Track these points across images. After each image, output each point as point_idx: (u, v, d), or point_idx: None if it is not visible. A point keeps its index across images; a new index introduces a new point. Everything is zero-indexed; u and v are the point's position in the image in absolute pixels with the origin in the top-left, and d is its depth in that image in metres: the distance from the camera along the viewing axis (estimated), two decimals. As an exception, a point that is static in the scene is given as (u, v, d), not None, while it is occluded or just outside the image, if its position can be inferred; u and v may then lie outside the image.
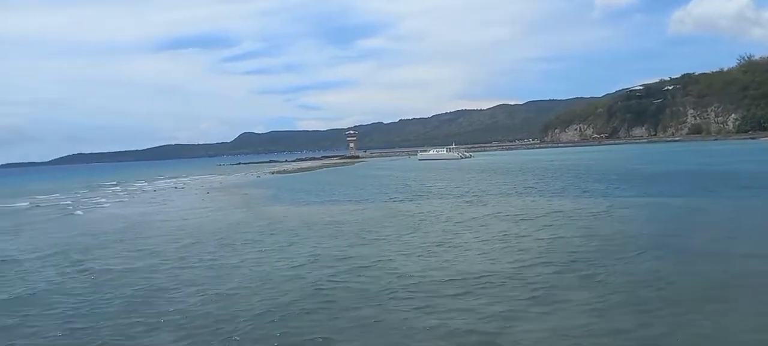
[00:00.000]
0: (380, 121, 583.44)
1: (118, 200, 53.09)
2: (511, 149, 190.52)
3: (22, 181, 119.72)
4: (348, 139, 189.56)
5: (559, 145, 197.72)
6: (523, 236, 19.85)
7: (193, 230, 26.42)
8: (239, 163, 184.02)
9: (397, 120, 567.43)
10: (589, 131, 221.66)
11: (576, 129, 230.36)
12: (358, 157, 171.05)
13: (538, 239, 19.10)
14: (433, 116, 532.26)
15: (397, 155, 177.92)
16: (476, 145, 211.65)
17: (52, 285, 16.15)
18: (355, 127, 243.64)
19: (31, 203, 51.07)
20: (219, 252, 20.07)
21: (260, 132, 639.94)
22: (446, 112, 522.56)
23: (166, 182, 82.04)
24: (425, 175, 65.79)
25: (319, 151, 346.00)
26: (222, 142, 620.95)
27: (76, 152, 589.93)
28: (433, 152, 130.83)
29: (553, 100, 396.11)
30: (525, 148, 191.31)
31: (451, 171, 70.95)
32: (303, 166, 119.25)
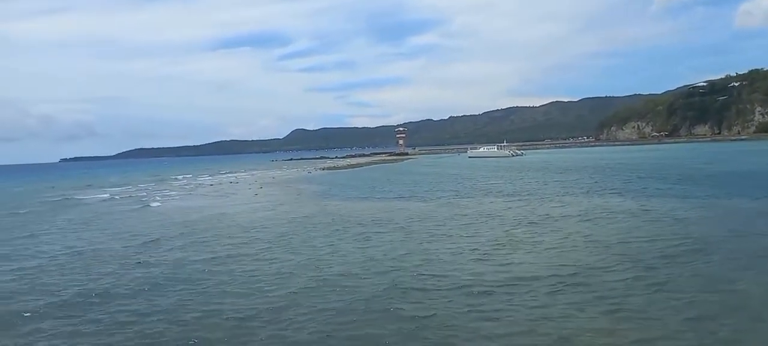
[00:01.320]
0: (430, 118, 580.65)
1: (185, 192, 55.39)
2: (565, 148, 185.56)
3: (93, 174, 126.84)
4: (397, 136, 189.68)
5: (616, 143, 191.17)
6: (584, 238, 19.21)
7: (255, 224, 27.27)
8: (291, 159, 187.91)
9: (446, 117, 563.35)
10: (647, 129, 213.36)
11: (634, 127, 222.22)
12: (406, 154, 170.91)
13: (600, 241, 18.45)
14: (483, 113, 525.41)
15: (447, 152, 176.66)
16: (528, 143, 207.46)
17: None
18: (404, 124, 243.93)
19: (110, 195, 54.03)
20: (275, 248, 20.54)
21: (312, 129, 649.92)
22: (497, 109, 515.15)
23: (224, 177, 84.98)
24: (475, 172, 65.00)
25: (368, 147, 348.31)
26: (275, 139, 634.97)
27: (138, 147, 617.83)
28: (483, 150, 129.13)
29: (610, 97, 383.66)
30: (580, 147, 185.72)
31: (502, 169, 69.81)
32: (353, 163, 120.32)
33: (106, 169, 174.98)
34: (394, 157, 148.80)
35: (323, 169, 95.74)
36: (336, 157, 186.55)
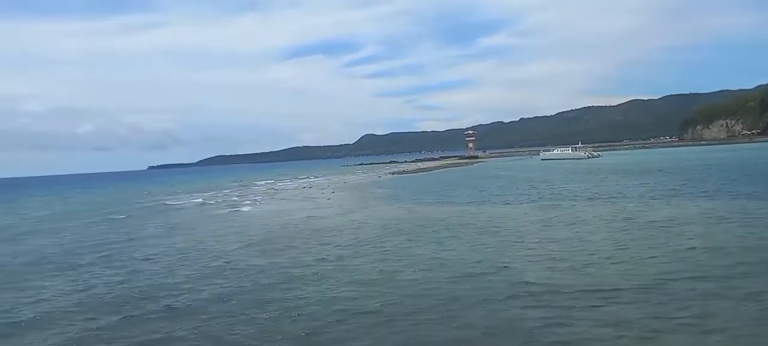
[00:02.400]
0: (500, 120, 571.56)
1: (269, 196, 57.45)
2: (646, 148, 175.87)
3: (179, 180, 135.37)
4: (467, 139, 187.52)
5: (702, 143, 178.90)
6: (670, 244, 17.89)
7: (338, 227, 27.74)
8: (361, 164, 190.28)
9: (517, 119, 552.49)
10: (737, 127, 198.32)
11: (722, 125, 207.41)
12: (476, 157, 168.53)
13: (688, 249, 17.09)
14: (556, 114, 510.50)
15: (518, 155, 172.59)
16: (605, 144, 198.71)
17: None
18: (474, 127, 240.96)
19: (203, 200, 57.20)
20: (354, 250, 20.68)
21: (381, 133, 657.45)
22: (571, 110, 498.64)
23: (299, 182, 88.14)
24: (549, 175, 62.84)
25: (437, 151, 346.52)
26: (345, 144, 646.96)
27: (217, 154, 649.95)
28: (557, 152, 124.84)
29: (694, 93, 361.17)
30: (662, 147, 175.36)
31: (578, 172, 67.06)
32: (422, 167, 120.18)
33: (190, 175, 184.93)
34: (465, 161, 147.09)
35: (393, 174, 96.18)
36: (405, 161, 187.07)
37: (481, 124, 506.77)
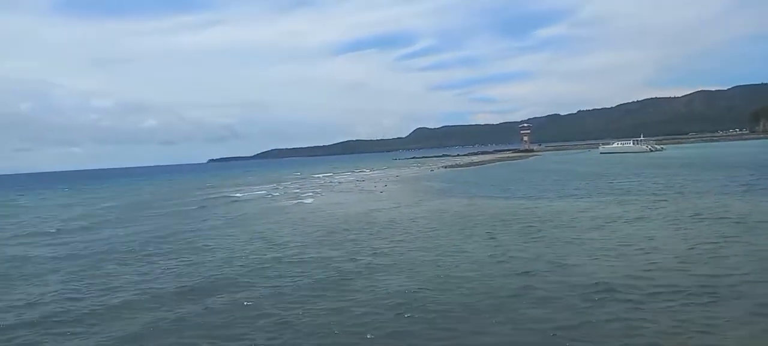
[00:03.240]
0: (556, 113, 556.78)
1: (327, 189, 58.49)
2: (714, 141, 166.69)
3: (239, 172, 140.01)
4: (521, 132, 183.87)
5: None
6: (740, 243, 16.84)
7: (393, 219, 27.92)
8: (414, 158, 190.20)
9: (575, 111, 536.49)
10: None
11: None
12: (532, 151, 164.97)
13: (760, 246, 16.12)
14: (616, 106, 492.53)
15: (575, 149, 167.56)
16: (668, 138, 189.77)
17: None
18: (529, 120, 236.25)
19: (266, 191, 59.02)
20: (409, 244, 20.72)
21: (434, 127, 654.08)
22: (632, 102, 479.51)
23: (354, 175, 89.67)
24: (609, 169, 60.62)
25: (491, 145, 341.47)
26: (398, 138, 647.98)
27: (274, 147, 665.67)
28: (617, 145, 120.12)
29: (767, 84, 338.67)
30: (732, 141, 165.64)
31: (639, 166, 64.32)
32: (475, 161, 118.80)
33: (249, 168, 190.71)
34: (519, 155, 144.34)
35: (446, 168, 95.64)
36: (458, 155, 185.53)
37: (536, 117, 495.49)
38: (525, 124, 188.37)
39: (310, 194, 51.63)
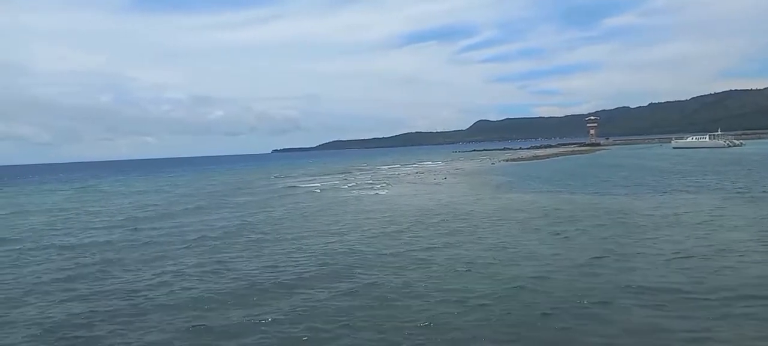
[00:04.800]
0: (625, 105, 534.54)
1: (395, 181, 58.80)
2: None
3: (304, 163, 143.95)
4: (588, 125, 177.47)
5: None
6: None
7: (452, 212, 28.08)
8: (474, 151, 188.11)
9: (646, 104, 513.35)
10: None
11: None
12: (598, 144, 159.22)
13: None
14: (691, 99, 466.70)
15: (646, 143, 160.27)
16: (749, 132, 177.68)
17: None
18: (596, 113, 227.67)
19: (338, 183, 59.97)
20: (473, 237, 20.90)
21: (494, 119, 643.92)
22: (709, 94, 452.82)
23: (414, 167, 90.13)
24: (682, 166, 57.85)
25: (554, 138, 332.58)
26: (458, 130, 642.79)
27: (335, 139, 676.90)
28: (691, 140, 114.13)
29: None
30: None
31: (716, 162, 61.01)
32: (538, 154, 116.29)
33: (312, 159, 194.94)
34: (585, 149, 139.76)
35: (507, 161, 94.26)
36: (520, 148, 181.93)
37: (604, 110, 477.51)
38: (591, 117, 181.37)
39: (382, 185, 52.08)
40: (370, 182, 58.88)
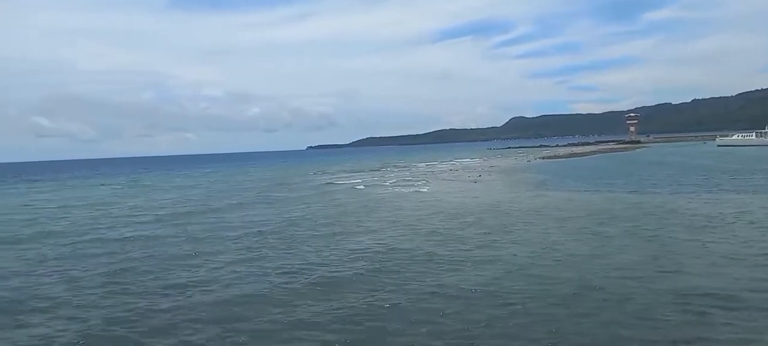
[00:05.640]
0: (667, 101, 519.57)
1: (433, 177, 58.67)
2: None
3: (339, 159, 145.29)
4: (628, 122, 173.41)
5: None
6: None
7: (493, 210, 27.95)
8: (508, 148, 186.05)
9: (688, 100, 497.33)
10: None
11: None
12: (639, 142, 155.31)
13: None
14: (737, 95, 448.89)
15: (689, 141, 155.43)
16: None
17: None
18: (636, 110, 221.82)
19: (378, 178, 60.33)
20: (492, 235, 20.79)
21: (530, 116, 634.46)
22: (756, 89, 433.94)
23: (448, 164, 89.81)
24: (727, 164, 55.92)
25: (592, 135, 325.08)
26: (492, 127, 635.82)
27: (368, 136, 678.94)
28: (736, 137, 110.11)
29: None
30: None
31: (765, 161, 58.69)
32: (575, 152, 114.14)
33: (346, 155, 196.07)
34: (625, 146, 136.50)
35: (543, 159, 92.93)
36: (556, 145, 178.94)
37: (644, 106, 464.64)
38: (631, 114, 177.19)
39: (422, 182, 51.89)
40: (409, 178, 58.84)
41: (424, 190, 43.32)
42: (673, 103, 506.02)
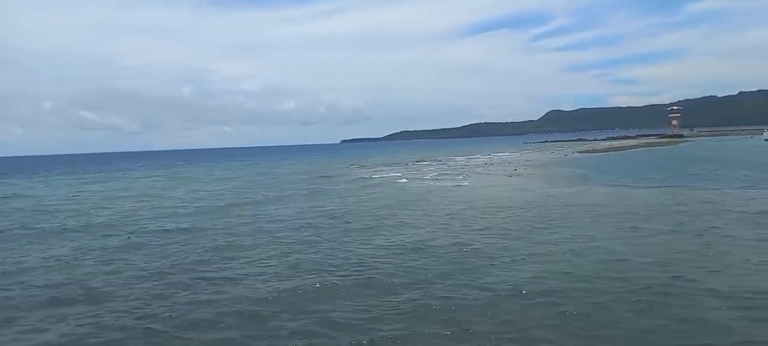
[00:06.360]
0: (712, 94, 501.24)
1: (470, 172, 57.82)
2: None
3: (374, 152, 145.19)
4: (670, 115, 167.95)
5: None
6: None
7: (541, 205, 27.67)
8: (545, 142, 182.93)
9: (735, 93, 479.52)
10: None
11: None
12: (681, 136, 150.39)
13: None
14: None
15: (735, 135, 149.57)
16: None
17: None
18: (679, 103, 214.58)
19: (417, 172, 60.40)
20: (538, 233, 20.55)
21: (568, 109, 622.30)
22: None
23: (484, 158, 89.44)
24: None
25: (633, 129, 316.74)
26: (528, 121, 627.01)
27: (402, 130, 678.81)
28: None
29: None
30: None
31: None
32: (615, 146, 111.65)
33: (380, 149, 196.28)
34: (667, 140, 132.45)
35: (581, 152, 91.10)
36: (595, 139, 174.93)
37: (688, 99, 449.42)
38: (674, 107, 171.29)
39: (462, 176, 51.55)
40: (448, 172, 58.53)
41: (466, 184, 43.01)
42: (719, 96, 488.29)
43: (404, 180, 49.54)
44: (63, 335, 11.00)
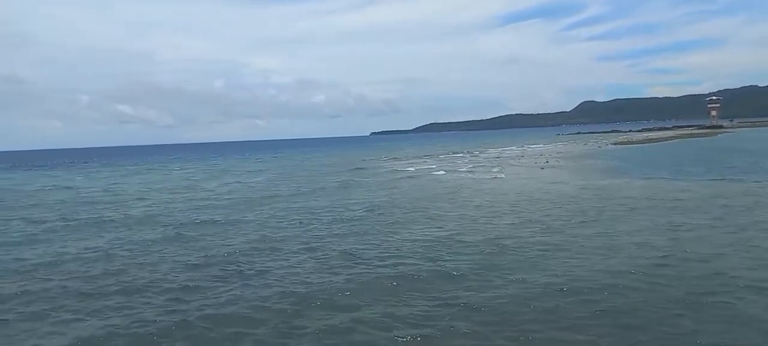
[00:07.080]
0: (754, 84, 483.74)
1: (507, 164, 56.78)
2: None
3: (404, 145, 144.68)
4: (709, 106, 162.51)
5: None
6: None
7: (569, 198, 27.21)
8: (578, 133, 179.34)
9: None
10: None
11: None
12: (721, 127, 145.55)
13: None
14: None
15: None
16: None
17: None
18: (718, 93, 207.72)
19: (451, 165, 60.00)
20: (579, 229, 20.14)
21: (601, 100, 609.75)
22: None
23: (516, 150, 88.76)
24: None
25: (669, 120, 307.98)
26: (560, 112, 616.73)
27: (431, 122, 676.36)
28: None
29: None
30: None
31: None
32: (651, 137, 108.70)
33: (411, 141, 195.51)
34: (705, 131, 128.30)
35: (615, 144, 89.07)
36: (630, 130, 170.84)
37: (727, 89, 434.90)
38: (713, 97, 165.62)
39: (498, 168, 50.89)
40: (483, 164, 58.02)
41: (502, 176, 42.51)
42: (760, 85, 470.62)
43: (441, 172, 49.15)
44: (99, 326, 11.19)
